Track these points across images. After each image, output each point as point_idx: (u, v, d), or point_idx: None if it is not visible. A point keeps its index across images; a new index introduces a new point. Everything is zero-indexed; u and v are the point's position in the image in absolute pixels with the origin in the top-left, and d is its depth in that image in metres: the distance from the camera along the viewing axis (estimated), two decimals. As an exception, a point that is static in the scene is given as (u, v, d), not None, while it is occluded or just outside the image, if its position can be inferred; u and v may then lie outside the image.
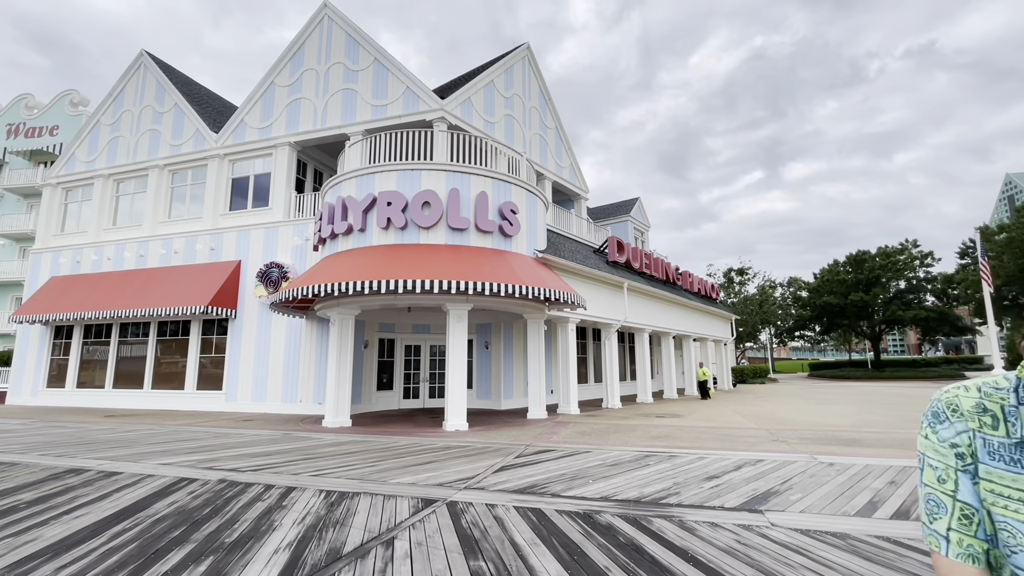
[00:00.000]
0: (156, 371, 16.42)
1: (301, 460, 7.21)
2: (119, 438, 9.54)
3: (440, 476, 6.14)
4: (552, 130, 20.65)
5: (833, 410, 14.93)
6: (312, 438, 9.48)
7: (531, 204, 12.44)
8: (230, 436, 9.78)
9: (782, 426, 11.17)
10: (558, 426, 11.17)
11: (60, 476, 6.24)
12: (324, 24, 16.39)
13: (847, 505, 4.84)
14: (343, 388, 11.32)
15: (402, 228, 10.76)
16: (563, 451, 7.87)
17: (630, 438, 9.37)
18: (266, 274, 14.90)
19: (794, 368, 59.41)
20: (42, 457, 7.49)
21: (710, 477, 6.05)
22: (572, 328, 14.21)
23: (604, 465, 6.80)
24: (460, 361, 10.66)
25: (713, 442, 8.83)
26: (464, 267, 10.10)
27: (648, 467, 6.65)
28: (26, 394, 18.00)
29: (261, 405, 14.61)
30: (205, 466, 6.76)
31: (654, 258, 19.98)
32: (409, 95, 14.82)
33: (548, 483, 5.78)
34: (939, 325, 40.63)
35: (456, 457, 7.40)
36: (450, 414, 10.47)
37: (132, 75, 19.26)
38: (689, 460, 7.12)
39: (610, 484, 5.72)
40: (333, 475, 6.23)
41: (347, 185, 11.49)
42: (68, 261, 18.33)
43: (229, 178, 16.90)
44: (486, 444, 8.61)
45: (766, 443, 8.72)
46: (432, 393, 16.19)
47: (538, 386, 12.72)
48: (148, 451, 8.00)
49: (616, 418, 12.90)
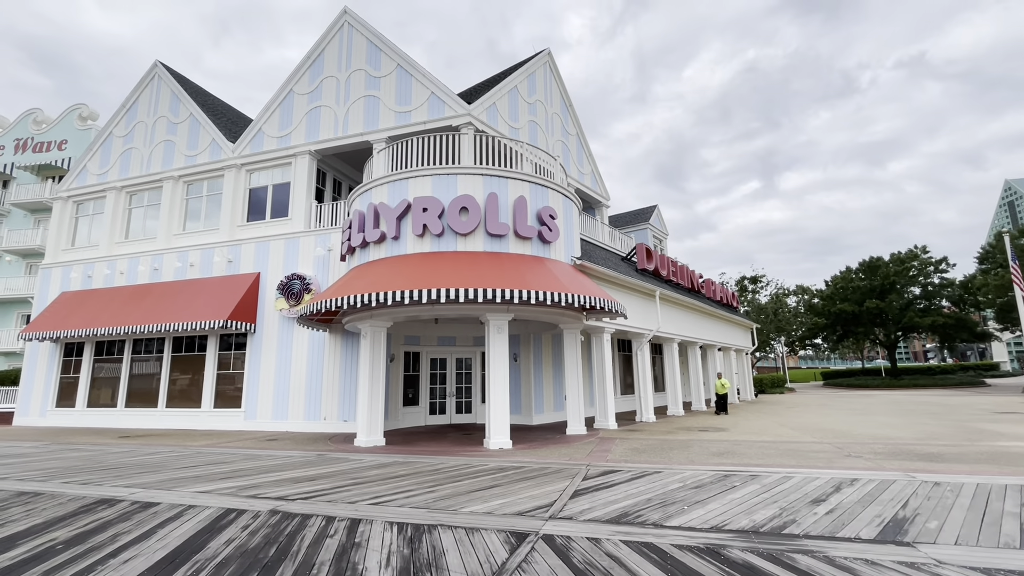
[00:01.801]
0: (171, 389, 15.78)
1: (350, 485, 6.60)
2: (142, 462, 8.91)
3: (514, 503, 5.53)
4: (573, 136, 20.28)
5: (880, 420, 14.28)
6: (350, 459, 8.85)
7: (567, 209, 11.95)
8: (261, 458, 9.15)
9: (842, 439, 10.54)
10: (604, 443, 10.54)
11: (92, 508, 5.63)
12: (344, 31, 16.06)
13: (1001, 535, 4.24)
14: (376, 405, 10.71)
15: (438, 235, 10.25)
16: (630, 471, 7.26)
17: (692, 455, 8.76)
18: (287, 286, 14.35)
19: (806, 377, 58.56)
20: (66, 485, 6.87)
21: (815, 501, 5.45)
22: (607, 338, 13.64)
23: (686, 487, 6.19)
24: (502, 375, 10.07)
25: (784, 459, 8.21)
26: (508, 275, 9.56)
27: (736, 489, 6.04)
28: (34, 414, 17.34)
29: (282, 423, 13.96)
30: (248, 494, 6.15)
31: (679, 265, 19.47)
32: (434, 100, 14.41)
33: (640, 511, 5.18)
34: (957, 331, 39.99)
35: (517, 480, 6.79)
36: (493, 431, 9.85)
37: (145, 86, 18.91)
38: (776, 480, 6.50)
39: (710, 511, 5.12)
40: (393, 503, 5.62)
41: (379, 191, 11.00)
42: (79, 276, 17.79)
43: (246, 188, 16.44)
44: (542, 464, 7.99)
45: (841, 459, 8.10)
46: (459, 408, 15.54)
47: (576, 400, 12.10)
48: (179, 477, 7.38)
49: (659, 432, 12.26)
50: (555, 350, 16.22)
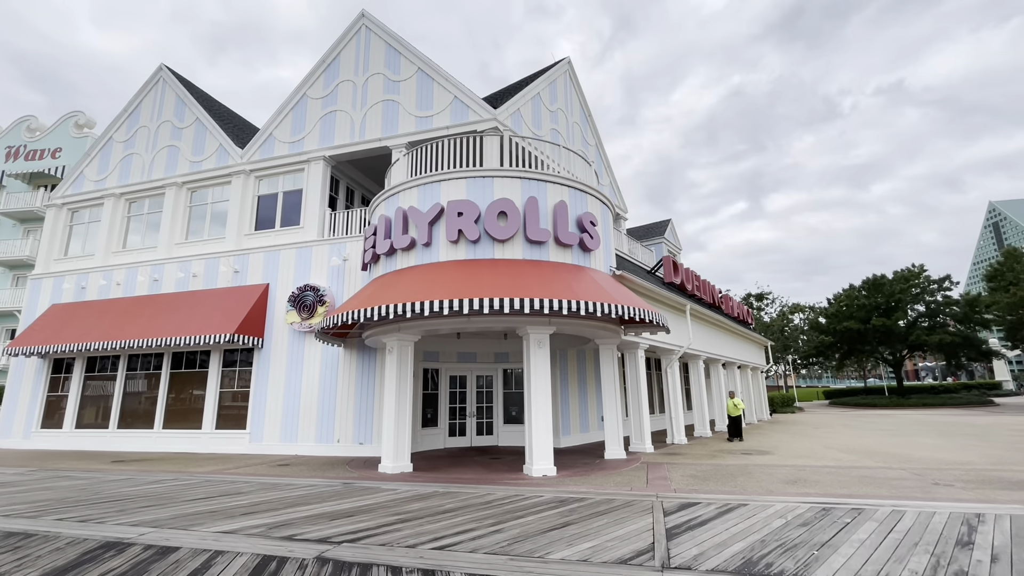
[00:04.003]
0: (168, 409, 14.66)
1: (397, 524, 5.68)
2: (146, 492, 7.89)
3: (605, 547, 4.66)
4: (593, 147, 19.77)
5: (925, 442, 13.54)
6: (382, 488, 7.90)
7: (604, 217, 11.27)
8: (280, 487, 8.17)
9: (909, 464, 9.75)
10: (654, 469, 9.67)
11: (97, 556, 4.67)
12: (361, 34, 15.49)
13: None
14: (403, 427, 9.77)
15: (474, 241, 9.48)
16: (712, 504, 6.40)
17: (761, 483, 7.92)
18: (299, 298, 13.44)
19: (808, 396, 57.80)
20: (60, 523, 5.87)
21: (962, 544, 4.64)
22: (641, 355, 12.86)
23: (792, 525, 5.36)
24: (544, 394, 9.21)
25: (868, 488, 7.40)
26: (553, 284, 8.78)
27: (852, 528, 5.21)
28: (17, 436, 16.06)
29: (291, 446, 12.91)
30: (281, 534, 5.22)
31: (702, 280, 18.84)
32: (457, 105, 13.79)
33: (763, 557, 4.33)
34: (964, 349, 39.65)
35: (589, 516, 5.91)
36: (536, 456, 8.94)
37: (149, 90, 18.16)
38: (887, 515, 5.69)
39: (849, 558, 4.28)
40: (461, 547, 4.73)
41: (407, 195, 10.24)
42: (72, 287, 16.73)
43: (255, 196, 15.61)
44: (604, 496, 7.10)
45: (932, 488, 7.32)
46: (479, 429, 14.57)
47: (615, 421, 11.24)
48: (192, 512, 6.40)
49: (703, 456, 11.40)
50: (580, 367, 15.39)
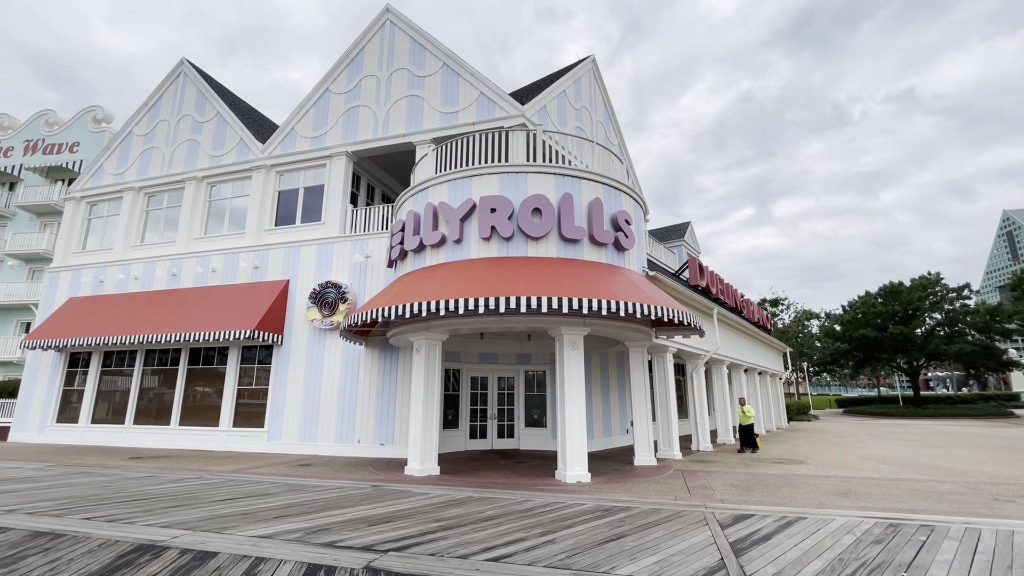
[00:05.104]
0: (185, 405, 14.48)
1: (441, 531, 5.39)
2: (171, 491, 7.65)
3: (672, 563, 4.34)
4: (616, 147, 19.46)
5: (962, 454, 13.09)
6: (414, 492, 7.61)
7: (638, 216, 10.96)
8: (307, 489, 7.90)
9: (957, 477, 9.35)
10: (690, 477, 9.33)
11: (132, 559, 4.41)
12: (386, 29, 15.30)
13: None
14: (430, 428, 9.49)
15: (507, 238, 9.19)
16: (768, 516, 6.06)
17: (811, 495, 7.57)
18: (321, 295, 13.22)
19: (822, 404, 57.07)
20: (88, 523, 5.63)
21: (1061, 568, 4.28)
22: (670, 359, 12.53)
23: (865, 542, 5.01)
24: (578, 397, 8.90)
25: (926, 502, 7.03)
26: (590, 283, 8.48)
27: (932, 548, 4.86)
28: (32, 430, 15.94)
29: (311, 446, 12.66)
30: (321, 540, 4.94)
31: (725, 284, 18.44)
32: (483, 101, 13.54)
33: (851, 579, 4.01)
34: (983, 360, 38.94)
35: (642, 528, 5.59)
36: (570, 462, 8.63)
37: (170, 84, 18.06)
38: (961, 533, 5.33)
39: (944, 581, 3.95)
40: (516, 559, 4.43)
41: (437, 191, 9.98)
42: (90, 281, 16.61)
43: (276, 191, 15.43)
44: (649, 505, 6.78)
45: (994, 503, 6.95)
46: (500, 432, 14.26)
47: (645, 427, 10.90)
48: (222, 513, 6.14)
49: (735, 465, 11.04)
50: (603, 371, 15.07)
